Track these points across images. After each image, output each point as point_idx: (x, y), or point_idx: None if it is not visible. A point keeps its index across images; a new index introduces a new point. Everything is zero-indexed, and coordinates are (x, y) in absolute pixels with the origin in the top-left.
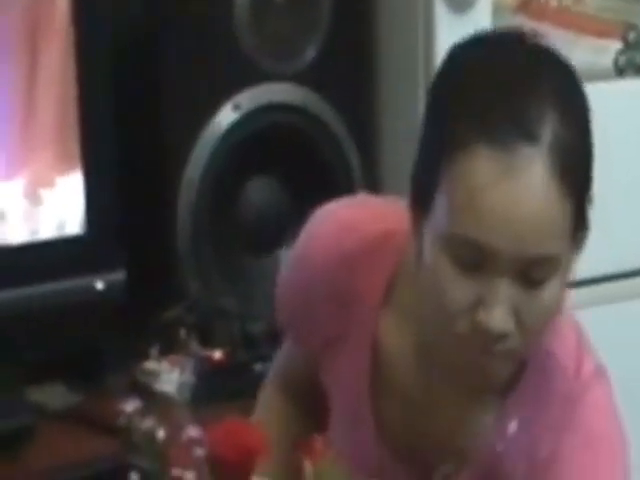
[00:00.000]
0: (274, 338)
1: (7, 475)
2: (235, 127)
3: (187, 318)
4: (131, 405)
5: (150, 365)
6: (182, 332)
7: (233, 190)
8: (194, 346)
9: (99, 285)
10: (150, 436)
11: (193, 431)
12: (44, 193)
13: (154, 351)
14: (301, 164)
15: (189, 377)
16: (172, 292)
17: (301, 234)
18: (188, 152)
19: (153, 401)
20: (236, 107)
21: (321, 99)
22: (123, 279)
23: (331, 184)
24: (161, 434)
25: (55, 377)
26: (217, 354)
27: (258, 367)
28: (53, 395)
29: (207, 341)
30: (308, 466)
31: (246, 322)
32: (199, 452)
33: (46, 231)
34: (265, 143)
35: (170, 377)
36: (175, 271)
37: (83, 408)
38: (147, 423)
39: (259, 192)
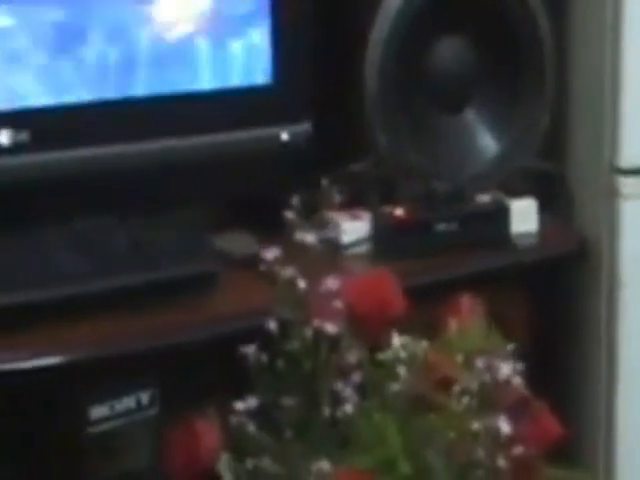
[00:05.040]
0: (458, 198)
1: (191, 320)
2: None
3: (372, 173)
4: (271, 253)
5: (290, 215)
6: (366, 186)
7: (421, 49)
8: (376, 201)
9: (284, 136)
10: (291, 285)
11: (332, 283)
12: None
13: (295, 201)
14: (489, 24)
15: (368, 231)
16: (359, 148)
17: None
18: (377, 9)
19: (295, 250)
20: None
21: None
22: (309, 131)
23: (519, 45)
24: (302, 284)
25: (240, 226)
26: (398, 211)
27: (439, 227)
28: (237, 243)
29: (390, 198)
30: (452, 323)
31: (431, 180)
32: (338, 304)
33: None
34: (453, 3)
35: (348, 229)
36: (362, 127)
37: None
38: (288, 272)
39: (447, 51)
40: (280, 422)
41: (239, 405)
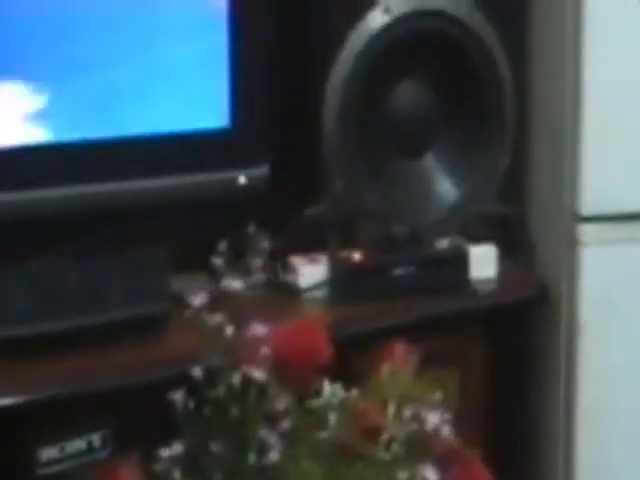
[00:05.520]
0: (416, 242)
1: (140, 362)
2: (384, 31)
3: (329, 216)
4: (198, 299)
5: (218, 261)
6: (324, 229)
7: (381, 93)
8: (334, 245)
9: (242, 179)
10: (218, 331)
11: (259, 329)
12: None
13: (222, 246)
14: (449, 71)
15: (325, 275)
16: (316, 192)
17: None
18: (336, 53)
19: (223, 297)
20: (386, 10)
21: (472, 6)
22: (266, 175)
23: (479, 92)
24: (229, 330)
25: (201, 268)
26: (356, 255)
27: (397, 271)
28: (192, 285)
29: (348, 241)
30: (385, 368)
31: (389, 224)
32: (265, 350)
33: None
34: (414, 48)
35: (306, 273)
36: (320, 171)
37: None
38: (216, 318)
39: (406, 96)
40: (208, 468)
41: (164, 452)
